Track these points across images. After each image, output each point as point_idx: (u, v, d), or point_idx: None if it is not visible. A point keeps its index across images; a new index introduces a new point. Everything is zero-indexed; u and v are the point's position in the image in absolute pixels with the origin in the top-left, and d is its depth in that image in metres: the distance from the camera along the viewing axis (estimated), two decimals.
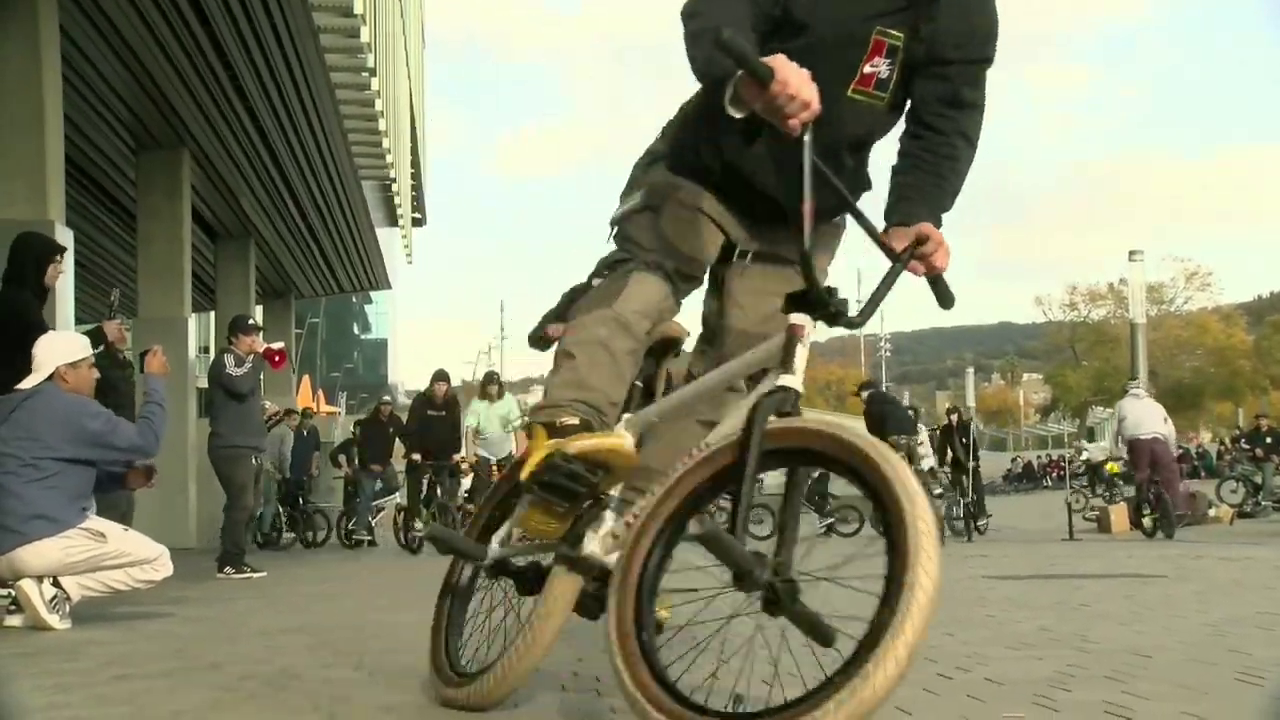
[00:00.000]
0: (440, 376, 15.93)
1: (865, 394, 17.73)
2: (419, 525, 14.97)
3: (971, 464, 18.18)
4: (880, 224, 3.02)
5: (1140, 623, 5.21)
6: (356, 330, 77.61)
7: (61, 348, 6.10)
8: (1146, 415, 17.03)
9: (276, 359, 10.67)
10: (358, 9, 14.93)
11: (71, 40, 12.93)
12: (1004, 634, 4.84)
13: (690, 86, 3.13)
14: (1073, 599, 6.51)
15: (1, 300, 7.42)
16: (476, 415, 15.95)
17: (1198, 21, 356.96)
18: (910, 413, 19.89)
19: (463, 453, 15.82)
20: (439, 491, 15.35)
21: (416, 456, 15.52)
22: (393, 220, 28.33)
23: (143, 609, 6.48)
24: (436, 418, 15.55)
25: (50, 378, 5.96)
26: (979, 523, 17.76)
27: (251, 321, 11.09)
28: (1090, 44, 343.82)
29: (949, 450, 18.82)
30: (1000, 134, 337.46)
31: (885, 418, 16.62)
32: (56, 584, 5.72)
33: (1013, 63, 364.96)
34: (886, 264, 2.92)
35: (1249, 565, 9.33)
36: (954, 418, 19.34)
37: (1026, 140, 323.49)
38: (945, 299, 3.00)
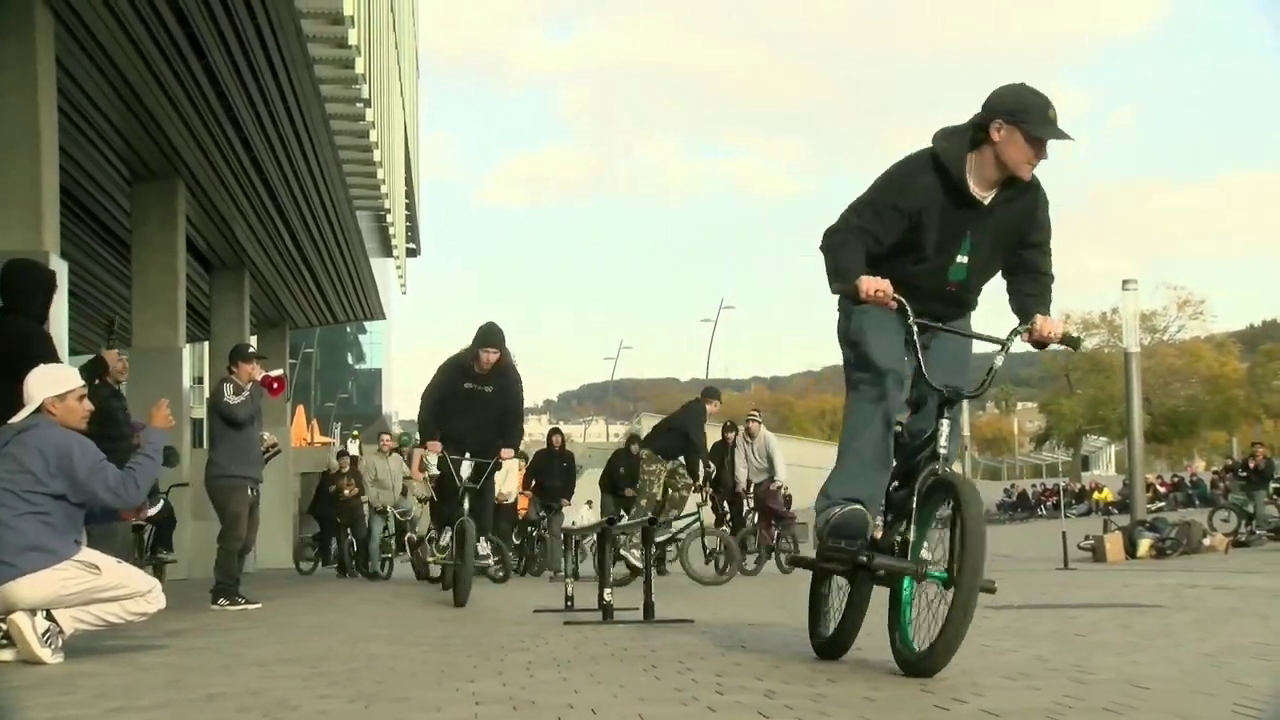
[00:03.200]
0: (488, 337, 10.23)
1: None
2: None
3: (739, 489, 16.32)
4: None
5: (1138, 653, 5.20)
6: (351, 360, 77.67)
7: (48, 380, 6.06)
8: None
9: (275, 386, 10.65)
10: (352, 40, 14.99)
11: (66, 70, 12.96)
12: (1000, 664, 4.82)
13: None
14: (1069, 629, 6.50)
15: (12, 329, 7.41)
16: None
17: (1193, 48, 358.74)
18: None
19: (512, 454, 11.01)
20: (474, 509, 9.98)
21: (434, 450, 10.13)
22: (387, 250, 28.37)
23: (137, 641, 6.45)
24: (476, 393, 10.23)
25: (39, 411, 5.92)
26: (748, 562, 15.54)
27: (252, 350, 11.07)
28: (1085, 66, 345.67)
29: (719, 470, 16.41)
30: None
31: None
32: (49, 617, 5.68)
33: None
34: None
35: (1245, 594, 9.32)
36: (731, 436, 16.83)
37: None
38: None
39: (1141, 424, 20.81)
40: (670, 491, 14.25)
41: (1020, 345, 4.78)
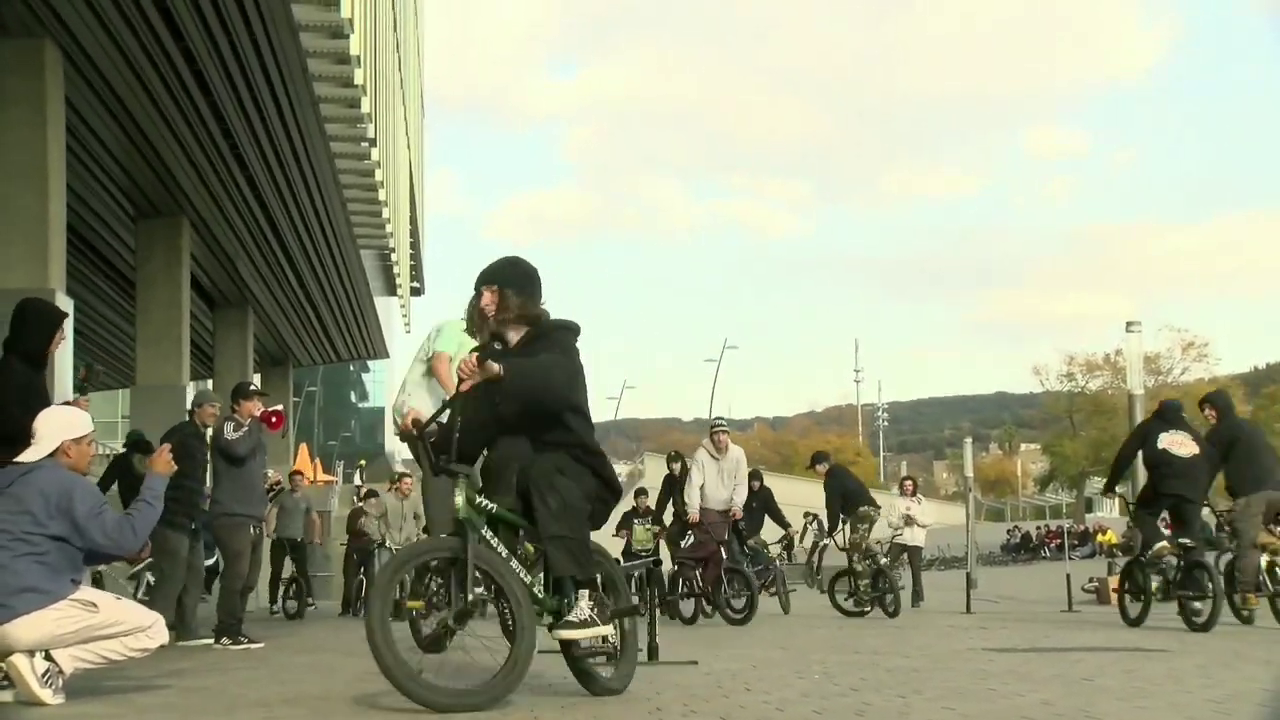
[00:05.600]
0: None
1: (821, 467, 15.40)
2: None
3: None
4: None
5: (1144, 698, 5.17)
6: (354, 399, 77.62)
7: (65, 422, 6.04)
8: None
9: (274, 420, 10.66)
10: (358, 80, 15.05)
11: (73, 108, 13.03)
12: (1006, 709, 4.79)
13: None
14: (1074, 673, 6.46)
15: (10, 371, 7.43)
16: (408, 390, 9.03)
17: (1194, 90, 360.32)
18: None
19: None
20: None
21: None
22: (391, 289, 28.43)
23: (138, 681, 6.41)
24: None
25: (53, 453, 5.90)
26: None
27: (253, 387, 11.08)
28: (1088, 109, 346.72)
29: (669, 505, 15.54)
30: (997, 200, 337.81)
31: (847, 492, 15.03)
32: (49, 657, 5.64)
33: (1010, 128, 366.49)
34: None
35: (1250, 638, 9.28)
36: (676, 467, 15.55)
37: (1023, 205, 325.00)
38: None
39: None
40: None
41: None
